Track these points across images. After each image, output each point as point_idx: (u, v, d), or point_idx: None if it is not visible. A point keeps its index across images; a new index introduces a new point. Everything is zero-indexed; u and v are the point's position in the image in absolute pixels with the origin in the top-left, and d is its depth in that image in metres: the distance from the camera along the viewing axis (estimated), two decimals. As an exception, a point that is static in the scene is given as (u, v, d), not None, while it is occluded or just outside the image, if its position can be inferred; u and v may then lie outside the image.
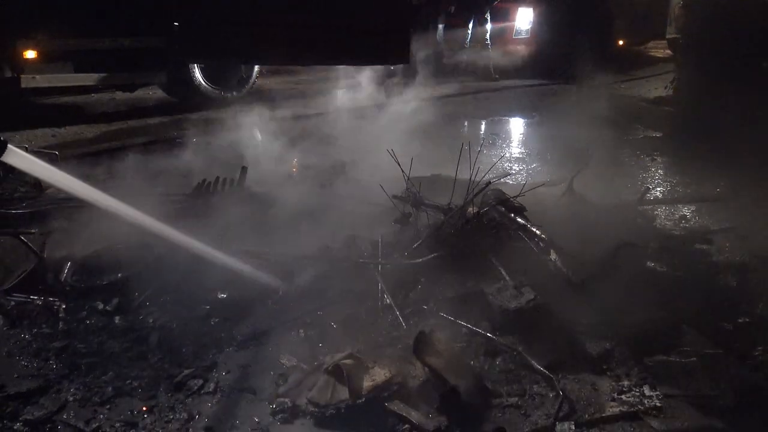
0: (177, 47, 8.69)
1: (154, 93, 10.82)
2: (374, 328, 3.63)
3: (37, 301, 3.78)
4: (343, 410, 2.89)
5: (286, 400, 3.03)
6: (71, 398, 3.06)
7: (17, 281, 3.91)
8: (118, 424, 2.89)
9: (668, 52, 15.35)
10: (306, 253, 4.30)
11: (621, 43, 14.53)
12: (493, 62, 12.95)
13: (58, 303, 3.75)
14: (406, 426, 2.84)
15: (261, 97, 10.12)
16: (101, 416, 2.95)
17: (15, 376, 3.21)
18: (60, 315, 3.68)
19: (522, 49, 13.19)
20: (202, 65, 9.75)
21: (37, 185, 5.30)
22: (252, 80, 10.52)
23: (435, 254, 4.04)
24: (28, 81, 8.38)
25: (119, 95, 10.48)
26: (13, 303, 3.78)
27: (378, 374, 3.02)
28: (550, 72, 12.70)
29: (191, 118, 9.03)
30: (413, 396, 2.99)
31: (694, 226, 5.25)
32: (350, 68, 9.45)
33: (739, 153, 6.20)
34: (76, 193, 3.69)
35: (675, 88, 8.43)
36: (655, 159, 7.24)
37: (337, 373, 3.01)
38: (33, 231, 4.33)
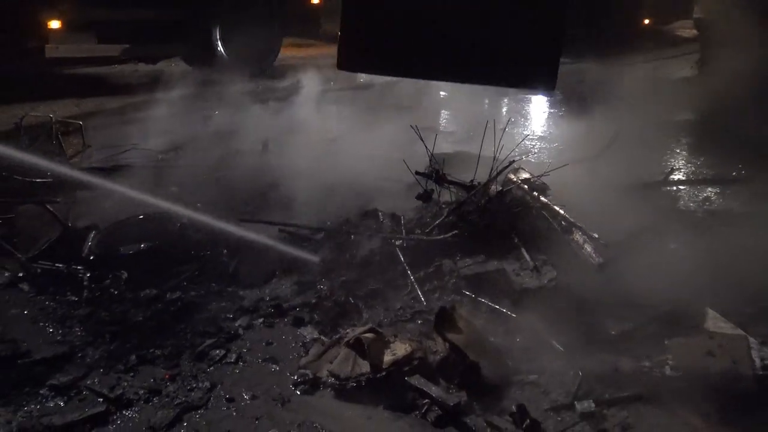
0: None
1: (176, 66, 10.81)
2: (395, 303, 3.65)
3: (62, 269, 3.82)
4: (363, 383, 2.91)
5: (308, 371, 3.06)
6: (95, 365, 3.10)
7: (43, 249, 3.95)
8: (141, 391, 2.93)
9: (694, 32, 15.12)
10: (328, 225, 4.31)
11: (647, 22, 14.33)
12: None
13: (82, 271, 3.79)
14: (426, 401, 2.85)
15: (284, 71, 10.11)
16: (125, 383, 2.99)
17: (40, 341, 3.26)
18: (84, 283, 3.71)
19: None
20: (226, 38, 9.75)
21: (62, 155, 5.35)
22: (275, 54, 10.44)
23: (456, 231, 4.04)
24: (51, 51, 8.41)
25: (142, 67, 10.48)
26: (38, 270, 3.82)
27: (399, 348, 3.04)
28: (572, 50, 12.54)
29: (214, 92, 9.03)
30: (433, 371, 3.01)
31: (718, 208, 5.20)
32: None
33: (763, 134, 6.12)
34: None
35: (700, 69, 8.31)
36: (680, 140, 7.16)
37: (358, 346, 3.02)
38: (58, 200, 4.38)
